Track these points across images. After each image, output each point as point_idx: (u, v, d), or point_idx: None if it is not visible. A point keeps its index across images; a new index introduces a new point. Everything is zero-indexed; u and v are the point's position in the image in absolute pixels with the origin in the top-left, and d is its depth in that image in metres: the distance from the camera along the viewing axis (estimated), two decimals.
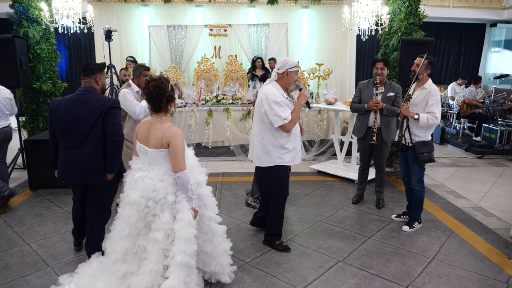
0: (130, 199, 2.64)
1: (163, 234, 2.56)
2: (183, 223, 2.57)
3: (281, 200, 3.55)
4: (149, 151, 2.63)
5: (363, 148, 4.65)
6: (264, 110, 3.28)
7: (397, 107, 4.35)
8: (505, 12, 10.79)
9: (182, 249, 2.54)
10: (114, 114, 3.00)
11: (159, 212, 2.59)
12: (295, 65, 3.31)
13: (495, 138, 7.47)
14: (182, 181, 2.58)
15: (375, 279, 3.13)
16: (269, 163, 3.38)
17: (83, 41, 10.59)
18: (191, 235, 2.58)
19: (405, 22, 5.91)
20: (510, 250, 3.63)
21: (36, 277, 3.12)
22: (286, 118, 3.21)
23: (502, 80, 11.17)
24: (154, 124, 2.65)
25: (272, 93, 3.25)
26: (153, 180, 2.61)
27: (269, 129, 3.31)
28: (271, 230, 3.64)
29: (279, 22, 8.92)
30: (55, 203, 4.68)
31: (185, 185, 2.59)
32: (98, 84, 3.13)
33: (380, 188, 4.67)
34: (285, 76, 3.32)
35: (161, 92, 2.59)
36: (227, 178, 5.71)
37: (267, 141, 3.35)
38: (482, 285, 3.07)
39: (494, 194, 5.21)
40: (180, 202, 2.62)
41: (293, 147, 3.40)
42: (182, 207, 2.61)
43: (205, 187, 2.85)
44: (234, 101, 6.92)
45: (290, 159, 3.41)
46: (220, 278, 2.97)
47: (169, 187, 2.60)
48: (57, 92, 6.30)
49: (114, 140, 2.99)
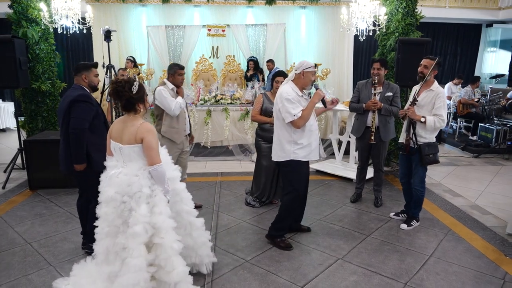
0: (106, 196, 2.64)
1: (141, 227, 2.54)
2: (164, 216, 2.62)
3: (292, 197, 3.57)
4: (124, 148, 2.65)
5: (361, 148, 4.70)
6: (278, 108, 3.42)
7: (395, 107, 4.40)
8: (501, 13, 10.88)
9: (174, 238, 2.64)
10: (76, 107, 3.21)
11: (135, 206, 2.57)
12: (311, 65, 3.43)
13: (491, 137, 7.54)
14: (159, 174, 2.61)
15: (374, 276, 3.17)
16: (284, 157, 3.46)
17: (81, 41, 10.60)
18: (172, 225, 2.66)
19: (402, 22, 5.97)
20: (506, 247, 3.68)
21: (38, 276, 3.14)
22: (295, 115, 3.31)
23: (498, 80, 11.27)
24: (127, 122, 2.69)
25: (286, 91, 3.38)
26: (127, 176, 2.61)
27: (283, 125, 3.42)
28: (276, 225, 3.67)
29: (277, 22, 8.95)
30: (55, 203, 4.70)
31: (161, 178, 2.63)
32: (85, 81, 3.39)
33: (378, 187, 4.72)
34: (301, 76, 3.42)
35: (120, 94, 2.63)
36: (226, 177, 5.74)
37: (282, 137, 3.46)
38: (479, 281, 3.12)
39: (491, 192, 5.27)
40: (156, 196, 2.63)
41: (308, 143, 3.46)
42: (159, 200, 2.63)
43: (179, 183, 2.91)
44: (233, 101, 6.96)
45: (305, 155, 3.46)
46: (200, 269, 3.09)
47: (144, 180, 2.60)
48: (56, 92, 6.32)
49: (73, 132, 3.20)
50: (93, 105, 3.33)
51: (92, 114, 3.29)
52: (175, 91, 4.14)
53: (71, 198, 4.76)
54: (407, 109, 3.88)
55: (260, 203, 4.62)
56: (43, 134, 5.59)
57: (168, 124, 4.12)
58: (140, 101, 2.70)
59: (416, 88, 3.97)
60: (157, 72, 8.65)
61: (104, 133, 3.29)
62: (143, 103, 2.73)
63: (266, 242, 3.72)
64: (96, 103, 3.42)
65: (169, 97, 4.01)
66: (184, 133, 4.24)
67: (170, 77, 4.15)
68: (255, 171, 4.67)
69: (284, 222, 3.65)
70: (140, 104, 2.71)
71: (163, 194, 2.66)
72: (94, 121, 3.31)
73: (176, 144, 4.16)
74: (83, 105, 3.24)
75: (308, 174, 3.69)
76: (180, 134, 4.18)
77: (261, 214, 4.40)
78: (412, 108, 3.84)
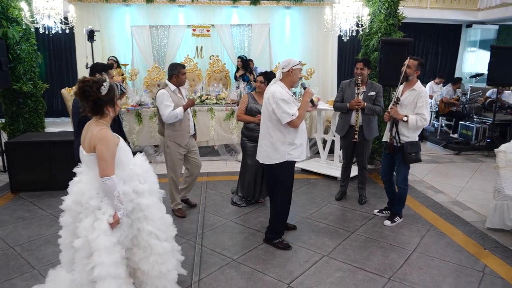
0: (64, 204, 2.53)
1: (81, 241, 2.38)
2: (99, 232, 2.37)
3: (285, 198, 3.60)
4: (84, 155, 2.51)
5: (345, 146, 4.76)
6: (271, 109, 3.36)
7: (378, 106, 4.47)
8: (480, 14, 11.14)
9: (100, 261, 2.35)
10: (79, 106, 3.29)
11: (84, 217, 2.43)
12: (297, 62, 3.45)
13: (471, 135, 7.72)
14: (108, 187, 2.38)
15: (359, 272, 3.23)
16: (278, 159, 3.44)
17: (63, 41, 10.44)
18: (109, 243, 2.37)
19: (385, 23, 6.07)
20: (485, 241, 3.79)
21: (22, 280, 3.10)
22: (294, 114, 3.31)
23: (478, 79, 11.53)
24: (91, 127, 2.51)
25: (278, 91, 3.36)
26: (85, 185, 2.48)
27: (277, 126, 3.40)
28: (273, 228, 3.68)
29: (261, 22, 8.99)
30: (38, 206, 4.63)
31: (110, 192, 2.39)
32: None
33: (362, 184, 4.79)
34: (290, 74, 3.42)
35: (86, 94, 2.42)
36: (212, 177, 5.74)
37: (275, 139, 3.42)
38: (459, 274, 3.21)
39: (471, 188, 5.41)
40: (102, 209, 2.42)
41: (301, 143, 3.49)
42: (103, 215, 2.41)
43: (147, 197, 2.60)
44: (218, 101, 6.95)
45: (298, 155, 3.49)
46: None
47: (94, 191, 2.44)
48: (38, 93, 6.22)
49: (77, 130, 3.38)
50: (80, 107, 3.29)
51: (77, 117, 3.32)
52: (177, 92, 4.11)
53: (54, 200, 4.69)
54: (390, 109, 3.95)
55: (246, 202, 4.64)
56: (25, 136, 5.49)
57: (172, 128, 4.10)
58: (110, 104, 2.49)
59: (400, 87, 4.05)
60: (141, 73, 8.57)
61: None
62: (113, 106, 2.53)
63: (252, 241, 3.75)
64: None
65: (167, 103, 3.95)
66: (188, 134, 4.21)
67: (173, 77, 4.08)
68: (241, 170, 4.70)
69: (279, 223, 3.67)
70: (110, 107, 2.50)
71: (111, 209, 2.42)
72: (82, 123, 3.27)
73: (180, 147, 4.17)
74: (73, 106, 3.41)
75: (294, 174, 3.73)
76: (184, 137, 4.17)
77: (247, 214, 4.42)
78: (395, 107, 3.91)
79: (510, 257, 3.48)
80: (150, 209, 2.59)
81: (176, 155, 4.17)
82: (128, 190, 2.51)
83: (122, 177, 2.51)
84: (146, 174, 2.66)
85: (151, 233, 2.58)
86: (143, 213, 2.57)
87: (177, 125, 4.10)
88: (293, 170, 3.60)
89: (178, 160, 4.21)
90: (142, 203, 2.56)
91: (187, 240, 3.75)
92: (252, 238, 3.81)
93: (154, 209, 2.62)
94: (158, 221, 2.63)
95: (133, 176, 2.57)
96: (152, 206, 2.61)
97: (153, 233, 2.59)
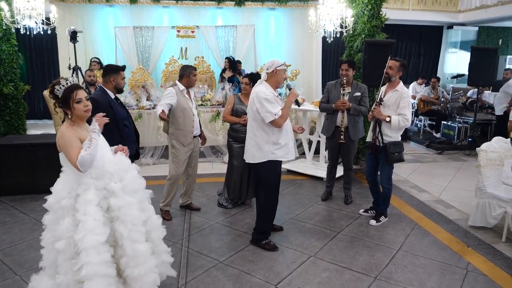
0: (46, 203, 2.50)
1: (64, 243, 2.34)
2: (85, 232, 2.31)
3: (269, 197, 3.60)
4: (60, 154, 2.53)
5: (331, 147, 4.80)
6: (255, 108, 3.40)
7: (363, 106, 4.52)
8: (460, 15, 11.38)
9: (87, 260, 2.29)
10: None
11: (61, 218, 2.39)
12: (282, 63, 3.48)
13: (453, 135, 7.88)
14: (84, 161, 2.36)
15: (345, 272, 3.25)
16: (262, 158, 3.45)
17: (45, 42, 10.24)
18: (96, 243, 2.32)
19: (368, 24, 6.14)
20: (469, 239, 3.87)
21: (4, 286, 3.02)
22: (276, 114, 3.33)
23: (459, 79, 11.77)
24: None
25: (262, 91, 3.39)
26: (60, 184, 2.48)
27: (261, 126, 3.42)
28: (259, 229, 3.68)
29: (246, 23, 8.99)
30: (20, 210, 4.53)
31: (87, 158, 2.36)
32: (112, 83, 3.56)
33: (348, 185, 4.83)
34: (274, 74, 3.46)
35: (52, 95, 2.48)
36: (198, 179, 5.64)
37: (259, 138, 3.44)
38: (444, 272, 3.27)
39: (454, 187, 5.51)
40: (79, 211, 2.37)
41: (285, 143, 3.50)
42: (84, 213, 2.35)
43: (120, 197, 2.47)
44: (204, 102, 6.93)
45: (282, 155, 3.49)
46: None
47: (66, 191, 2.42)
48: (19, 95, 6.10)
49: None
50: (100, 109, 3.22)
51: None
52: (185, 93, 4.14)
53: (37, 204, 4.59)
54: (373, 109, 4.00)
55: (232, 204, 4.63)
56: (6, 138, 5.37)
57: (175, 126, 4.12)
58: (65, 105, 2.48)
59: (383, 88, 4.10)
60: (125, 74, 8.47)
61: (114, 136, 3.28)
62: (69, 108, 2.48)
63: (239, 242, 3.75)
64: (108, 106, 3.40)
65: (165, 100, 4.00)
66: (191, 134, 4.20)
67: (184, 78, 4.13)
68: (227, 172, 4.68)
69: (265, 224, 3.67)
70: (66, 108, 2.49)
71: (90, 206, 2.36)
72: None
73: (183, 146, 4.15)
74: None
75: (280, 174, 3.73)
76: (187, 136, 4.15)
77: (233, 215, 4.41)
78: (378, 108, 3.96)
79: (492, 254, 3.56)
80: (123, 210, 2.46)
81: (179, 155, 4.16)
82: (100, 186, 2.45)
83: (91, 175, 2.45)
84: (122, 172, 2.56)
85: (122, 234, 2.45)
86: (115, 213, 2.47)
87: (180, 124, 4.11)
88: (278, 170, 3.60)
89: (181, 160, 4.19)
90: (113, 204, 2.45)
91: (173, 242, 3.72)
92: (239, 240, 3.80)
93: (128, 209, 2.48)
94: (133, 222, 2.49)
95: (104, 174, 2.49)
96: (125, 206, 2.47)
97: (124, 234, 2.45)
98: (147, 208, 2.70)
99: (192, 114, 4.17)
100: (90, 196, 2.39)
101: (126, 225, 2.46)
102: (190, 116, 4.15)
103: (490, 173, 4.06)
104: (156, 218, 2.77)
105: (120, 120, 3.53)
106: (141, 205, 2.65)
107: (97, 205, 2.41)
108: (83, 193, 2.41)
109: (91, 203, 2.38)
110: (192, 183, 4.50)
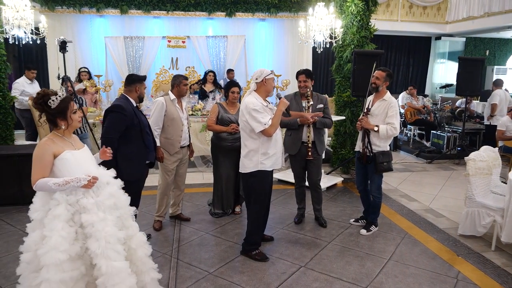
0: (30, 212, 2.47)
1: (30, 255, 2.33)
2: (48, 248, 2.25)
3: (260, 208, 3.59)
4: None
5: (297, 165, 4.35)
6: (245, 119, 3.41)
7: (328, 118, 4.25)
8: (448, 26, 11.59)
9: (47, 277, 2.22)
10: (109, 117, 3.42)
11: (31, 231, 2.39)
12: (270, 72, 3.50)
13: (442, 144, 7.95)
14: (40, 187, 2.37)
15: (336, 282, 3.23)
16: (251, 168, 3.44)
17: (35, 52, 10.18)
18: (57, 260, 2.23)
19: (357, 35, 6.21)
20: (458, 248, 3.88)
21: None
22: (266, 123, 3.33)
23: (447, 89, 11.93)
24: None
25: (251, 102, 3.38)
26: (37, 197, 2.47)
27: (251, 136, 3.42)
28: (249, 239, 3.65)
29: (237, 34, 9.05)
30: (6, 221, 4.44)
31: (46, 188, 2.35)
32: (137, 93, 3.59)
33: (318, 205, 4.45)
34: (264, 84, 3.46)
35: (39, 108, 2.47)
36: (188, 189, 5.66)
37: (249, 148, 3.44)
38: (434, 281, 3.26)
39: (443, 196, 5.54)
40: (47, 227, 2.31)
41: (274, 153, 3.49)
42: (50, 228, 2.29)
43: (93, 213, 2.39)
44: (194, 112, 6.92)
45: (271, 164, 3.49)
46: None
47: (39, 203, 2.42)
48: (7, 105, 6.02)
49: (101, 139, 3.47)
50: (126, 116, 3.37)
51: (124, 124, 3.37)
52: (175, 102, 4.13)
53: (23, 215, 4.50)
54: (360, 119, 4.01)
55: (222, 213, 4.60)
56: None
57: (164, 135, 4.11)
58: (61, 116, 2.47)
59: (370, 98, 4.13)
60: (115, 84, 8.44)
61: (140, 143, 3.44)
62: (65, 119, 2.49)
63: (229, 253, 3.71)
64: (133, 114, 3.46)
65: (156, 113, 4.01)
66: (179, 144, 4.17)
67: (175, 87, 4.13)
68: (214, 180, 4.65)
69: (255, 234, 3.65)
70: (61, 120, 2.48)
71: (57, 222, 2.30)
72: (126, 131, 3.40)
73: (170, 155, 4.14)
74: (115, 115, 3.39)
75: (272, 184, 3.72)
76: (175, 146, 4.14)
77: (223, 225, 4.38)
78: (366, 118, 3.98)
79: (482, 263, 3.57)
80: (96, 226, 2.36)
81: (167, 164, 4.15)
82: (72, 201, 2.38)
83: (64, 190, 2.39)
84: (98, 188, 2.49)
85: (94, 252, 2.34)
86: (87, 229, 2.37)
87: (168, 133, 4.09)
88: (268, 180, 3.58)
89: (168, 169, 4.17)
90: (85, 221, 2.36)
91: (162, 254, 3.67)
92: (229, 250, 3.77)
93: (103, 225, 2.38)
94: (107, 239, 2.38)
95: (76, 189, 2.40)
96: (99, 222, 2.38)
97: (97, 252, 2.34)
98: (130, 225, 2.64)
99: (181, 124, 4.16)
100: (58, 211, 2.33)
101: (100, 242, 2.35)
102: (179, 126, 4.13)
103: (479, 182, 4.09)
104: (141, 235, 2.70)
105: (144, 128, 3.57)
106: (124, 222, 2.59)
107: (68, 221, 2.35)
108: (53, 207, 2.36)
109: (59, 218, 2.32)
110: (180, 193, 4.46)
